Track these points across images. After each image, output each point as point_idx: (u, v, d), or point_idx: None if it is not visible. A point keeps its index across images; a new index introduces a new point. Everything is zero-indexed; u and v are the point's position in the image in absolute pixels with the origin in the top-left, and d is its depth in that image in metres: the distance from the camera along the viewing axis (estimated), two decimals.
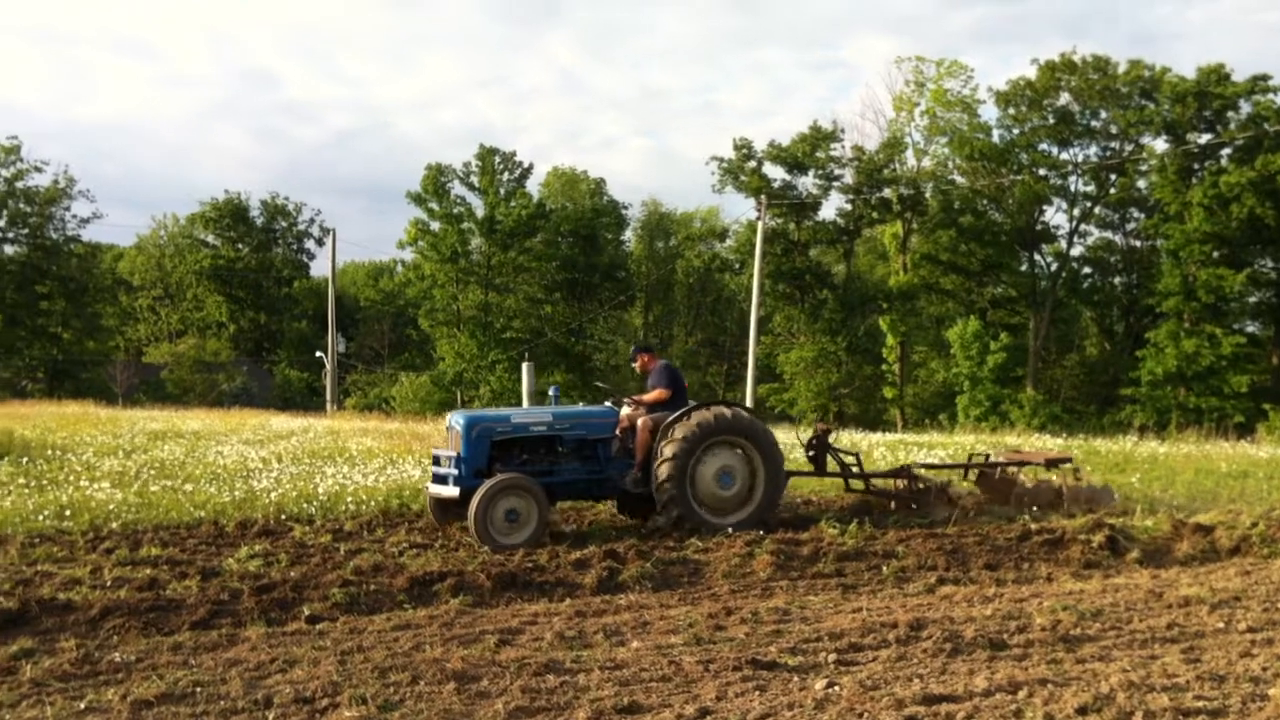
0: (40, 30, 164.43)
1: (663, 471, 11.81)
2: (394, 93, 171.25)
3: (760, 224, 46.32)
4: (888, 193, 61.28)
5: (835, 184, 62.77)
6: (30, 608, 8.24)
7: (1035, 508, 13.17)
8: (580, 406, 13.76)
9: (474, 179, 68.20)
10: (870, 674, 6.73)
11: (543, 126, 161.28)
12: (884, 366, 61.98)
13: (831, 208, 67.30)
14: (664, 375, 12.80)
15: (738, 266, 73.83)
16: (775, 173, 62.66)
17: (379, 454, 19.09)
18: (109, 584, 9.27)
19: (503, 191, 67.93)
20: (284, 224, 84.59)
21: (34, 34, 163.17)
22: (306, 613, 8.37)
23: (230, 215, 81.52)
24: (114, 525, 12.33)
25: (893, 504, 13.64)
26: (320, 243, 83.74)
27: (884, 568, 9.98)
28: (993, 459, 14.92)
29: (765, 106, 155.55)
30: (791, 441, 15.84)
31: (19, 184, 64.72)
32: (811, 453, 13.95)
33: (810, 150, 61.35)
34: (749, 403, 44.97)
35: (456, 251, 67.33)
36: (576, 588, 9.33)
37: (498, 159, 68.37)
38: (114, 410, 36.91)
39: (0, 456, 16.90)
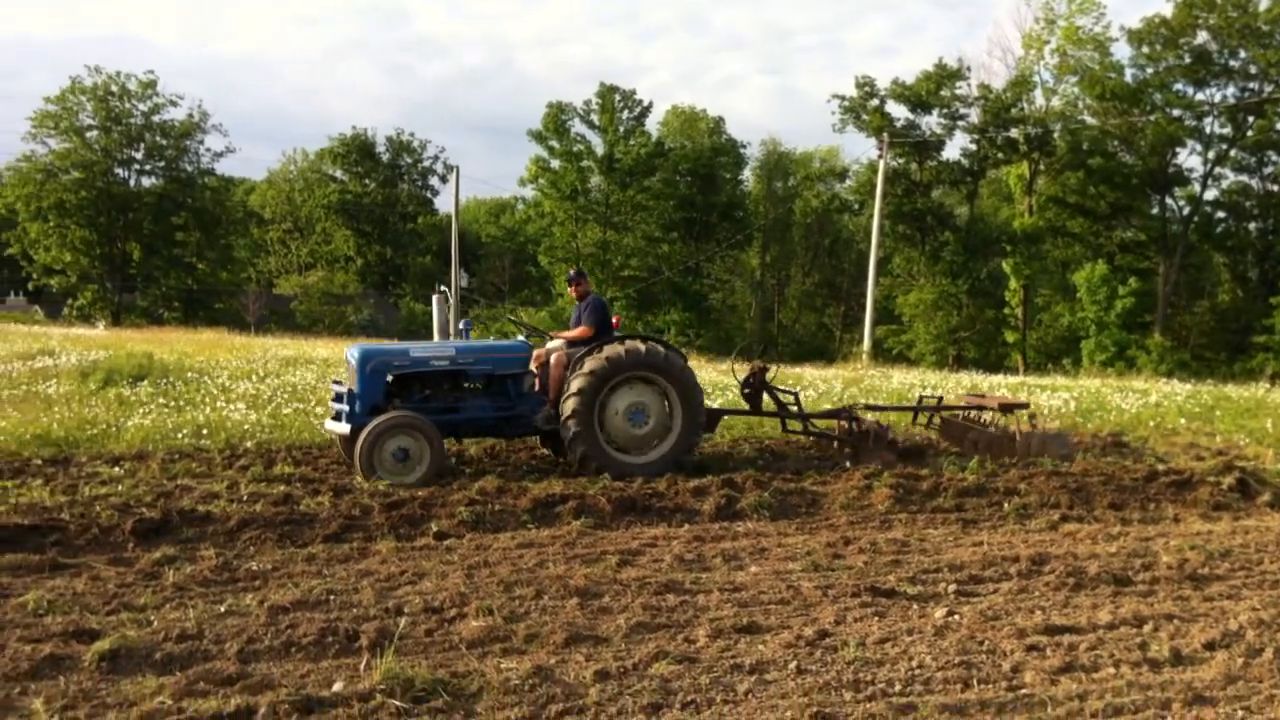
0: None
1: (567, 407, 11.13)
2: (520, 29, 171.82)
3: (881, 163, 45.63)
4: (1014, 133, 59.84)
5: (960, 123, 61.65)
6: (172, 518, 8.63)
7: (988, 453, 12.53)
8: (490, 340, 12.80)
9: (594, 117, 68.45)
10: (991, 605, 6.73)
11: (665, 65, 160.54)
12: (1006, 310, 60.86)
13: (955, 148, 65.88)
14: (592, 313, 12.11)
15: (857, 207, 72.87)
16: (898, 112, 61.71)
17: None
18: (245, 498, 9.65)
19: (622, 130, 68.03)
20: (409, 160, 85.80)
21: None
22: (434, 529, 8.63)
23: (357, 151, 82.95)
24: (249, 444, 12.77)
25: (836, 444, 12.94)
26: (444, 179, 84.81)
27: (1005, 504, 9.89)
28: (945, 402, 14.34)
29: (890, 44, 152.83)
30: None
31: (155, 118, 66.59)
32: (748, 390, 13.10)
33: (935, 89, 60.15)
34: (866, 344, 44.55)
35: (576, 189, 67.77)
36: (694, 514, 9.44)
37: (618, 97, 68.42)
38: (247, 337, 38.00)
39: (141, 378, 17.55)
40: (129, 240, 66.72)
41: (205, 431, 13.24)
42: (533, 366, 11.95)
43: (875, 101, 61.71)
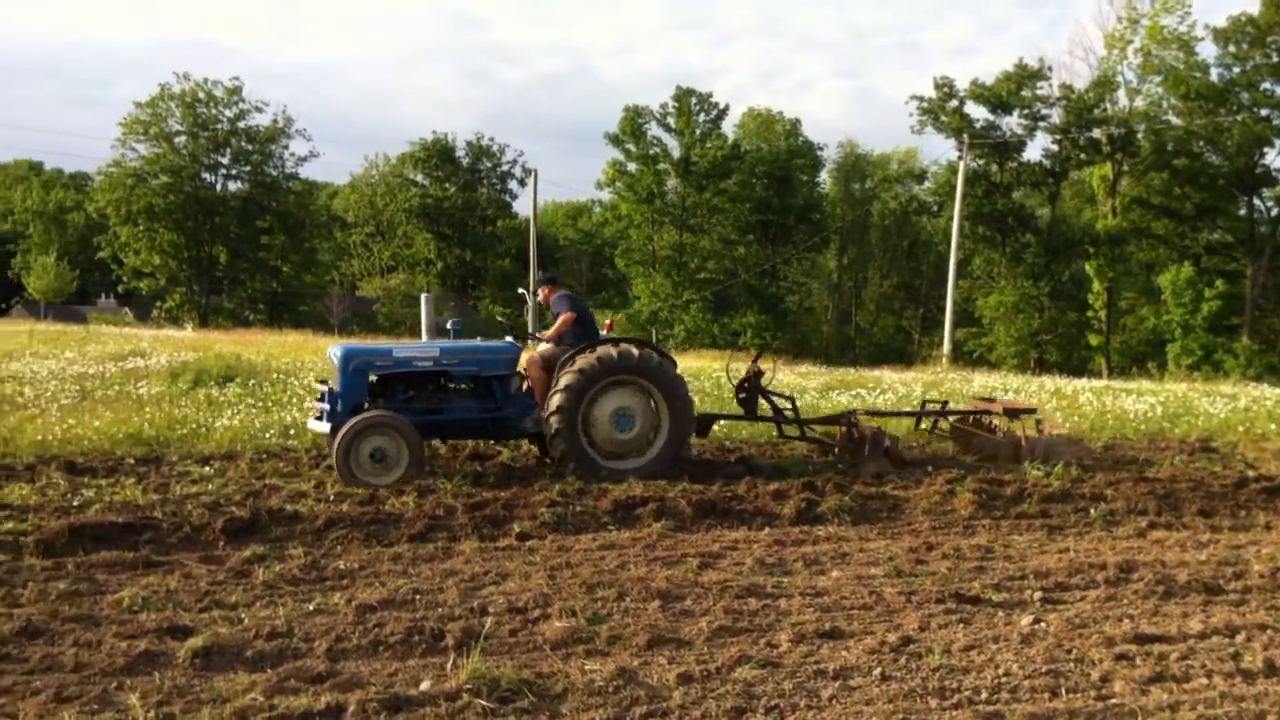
0: None
1: (553, 403, 10.94)
2: (596, 35, 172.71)
3: (961, 165, 45.22)
4: (1097, 133, 58.88)
5: (1041, 124, 60.81)
6: (261, 517, 8.78)
7: (994, 458, 12.30)
8: (476, 341, 12.61)
9: (670, 120, 68.53)
10: (1078, 612, 6.63)
11: (742, 68, 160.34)
12: (1089, 313, 59.87)
13: (1036, 148, 65.06)
14: (564, 301, 11.88)
15: (936, 209, 72.16)
16: (978, 112, 61.04)
17: None
18: (332, 498, 9.80)
19: (698, 133, 68.10)
20: (488, 164, 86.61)
21: None
22: (517, 530, 8.70)
23: (438, 155, 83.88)
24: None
25: (836, 451, 12.44)
26: (522, 183, 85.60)
27: (1091, 510, 9.74)
28: (951, 407, 14.05)
29: (970, 44, 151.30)
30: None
31: (241, 123, 67.89)
32: (742, 395, 12.73)
33: (1016, 89, 59.41)
34: (946, 347, 44.11)
35: (652, 192, 67.96)
36: (775, 518, 9.41)
37: (694, 100, 68.53)
38: (331, 339, 38.53)
39: (229, 379, 17.88)
40: (216, 244, 68.11)
41: (292, 432, 13.45)
42: (521, 368, 11.85)
43: (954, 103, 61.07)
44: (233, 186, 69.44)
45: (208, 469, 11.27)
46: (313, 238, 73.65)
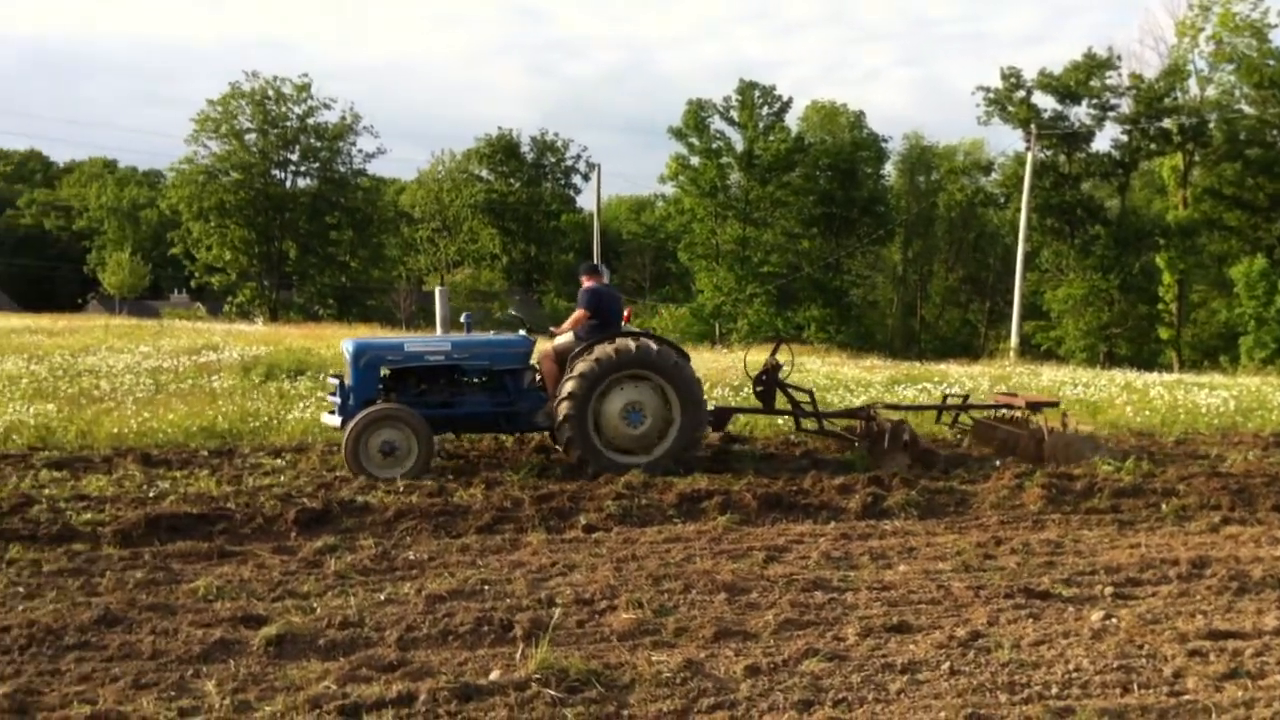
0: None
1: (561, 410, 10.86)
2: (658, 29, 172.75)
3: (1029, 156, 44.68)
4: (1167, 123, 57.74)
5: (1110, 114, 59.76)
6: (332, 508, 8.95)
7: (1014, 454, 12.02)
8: (489, 335, 12.53)
9: (733, 114, 68.31)
10: (1150, 608, 6.56)
11: (805, 60, 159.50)
12: (1160, 306, 58.82)
13: (1106, 139, 63.85)
14: (584, 297, 11.73)
15: (1003, 200, 71.18)
16: (1045, 103, 60.15)
17: None
18: (401, 490, 9.90)
19: (761, 126, 67.82)
20: (552, 159, 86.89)
21: None
22: (583, 522, 8.78)
23: (503, 151, 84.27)
24: None
25: (855, 445, 12.27)
26: (586, 177, 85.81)
27: (1163, 505, 9.61)
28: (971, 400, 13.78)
29: (1038, 32, 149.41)
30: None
31: (310, 120, 68.63)
32: (760, 389, 12.61)
33: (1084, 79, 58.50)
34: (1014, 341, 43.60)
35: (715, 186, 67.78)
36: (840, 511, 9.39)
37: (757, 93, 68.20)
38: (399, 333, 38.94)
39: (300, 373, 18.12)
40: (285, 239, 68.95)
41: None
42: (534, 362, 11.80)
43: (1021, 93, 60.23)
44: (302, 183, 70.17)
45: (280, 461, 11.46)
46: (380, 233, 74.23)
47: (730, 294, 65.59)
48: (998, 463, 11.56)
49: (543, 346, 12.12)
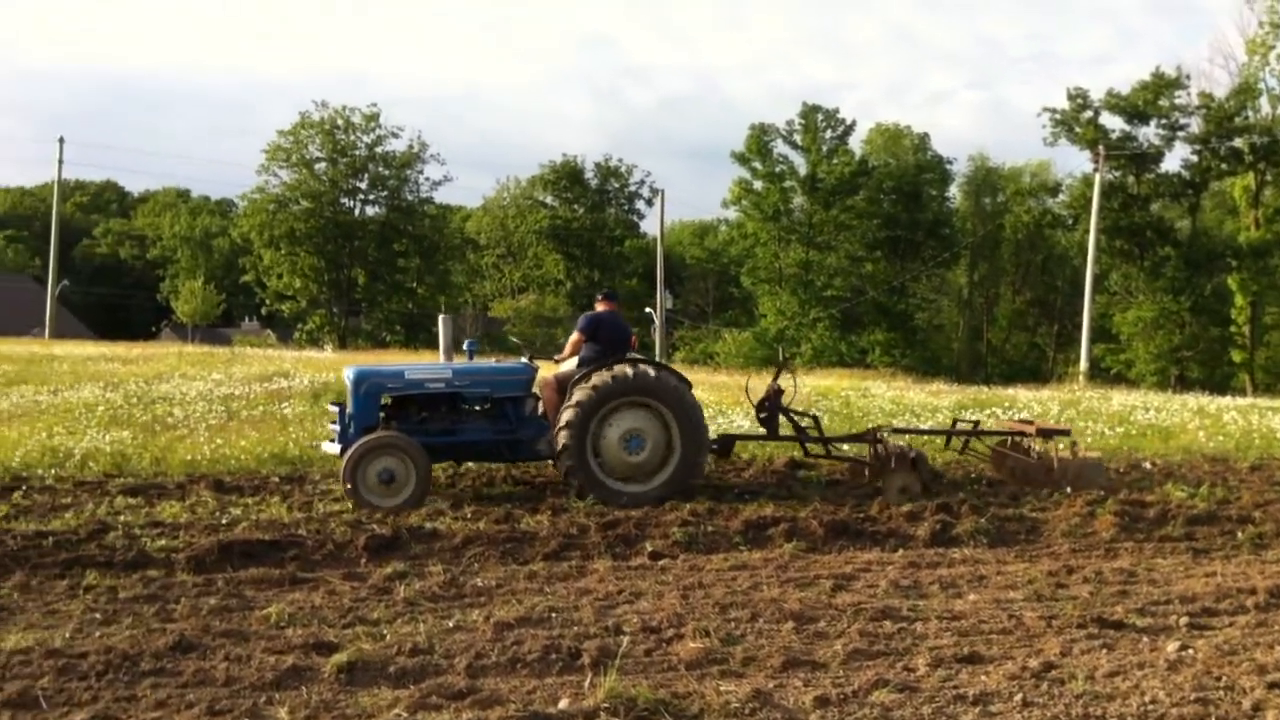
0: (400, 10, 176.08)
1: (560, 439, 10.76)
2: (723, 55, 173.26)
3: (1097, 177, 44.17)
4: (1239, 142, 56.76)
5: (1180, 134, 58.75)
6: (401, 535, 9.03)
7: (1025, 481, 11.80)
8: (490, 362, 12.54)
9: (797, 137, 68.26)
10: (1227, 639, 6.43)
11: (869, 83, 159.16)
12: (1232, 328, 57.68)
13: (1175, 159, 62.84)
14: (581, 321, 11.71)
15: (1070, 222, 70.16)
16: (1113, 123, 59.33)
17: (709, 404, 19.48)
18: (469, 516, 9.98)
19: (825, 149, 67.69)
20: (616, 185, 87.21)
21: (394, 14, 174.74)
22: (649, 549, 8.79)
23: (567, 177, 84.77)
24: (470, 465, 13.18)
25: (866, 472, 12.01)
26: (649, 203, 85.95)
27: (1239, 533, 9.45)
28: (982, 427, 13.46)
29: (1105, 53, 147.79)
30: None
31: (378, 149, 69.55)
32: (763, 414, 12.32)
33: (1153, 98, 57.67)
34: (1083, 364, 42.99)
35: (779, 210, 67.70)
36: (909, 539, 9.32)
37: (820, 117, 68.10)
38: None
39: None
40: (354, 266, 69.80)
41: None
42: (535, 389, 11.73)
43: (1088, 114, 59.54)
44: (370, 211, 71.09)
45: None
46: (446, 260, 74.95)
47: (794, 318, 65.37)
48: (1068, 490, 11.41)
49: (544, 374, 12.09)
